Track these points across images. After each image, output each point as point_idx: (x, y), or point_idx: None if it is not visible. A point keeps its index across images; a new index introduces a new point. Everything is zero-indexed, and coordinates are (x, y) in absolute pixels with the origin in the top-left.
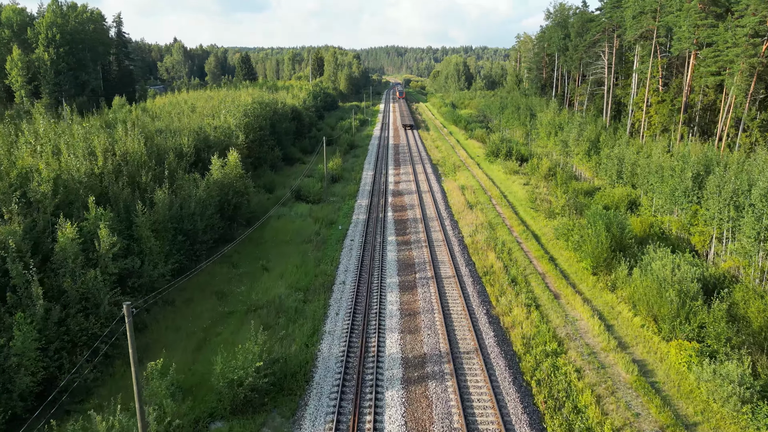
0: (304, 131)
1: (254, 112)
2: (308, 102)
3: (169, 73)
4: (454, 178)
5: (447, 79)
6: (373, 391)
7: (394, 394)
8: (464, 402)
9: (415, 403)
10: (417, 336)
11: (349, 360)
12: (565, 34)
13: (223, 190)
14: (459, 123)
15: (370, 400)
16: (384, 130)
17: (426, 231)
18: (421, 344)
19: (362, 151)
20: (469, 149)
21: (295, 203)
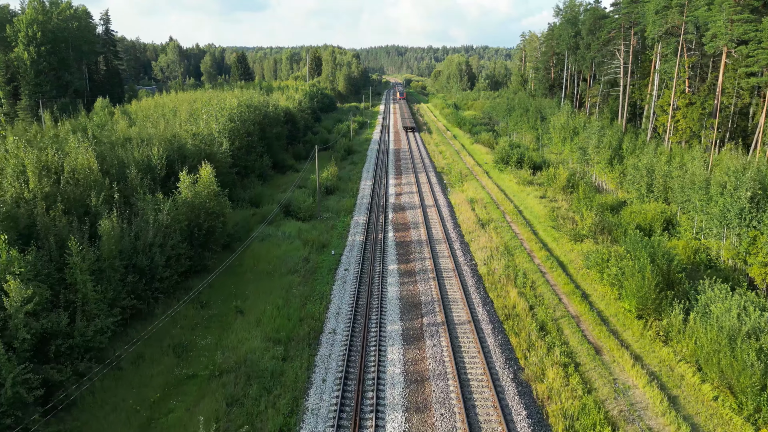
0: (298, 135)
1: (241, 116)
2: (304, 104)
3: (164, 72)
4: (462, 189)
5: (449, 79)
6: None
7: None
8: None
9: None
10: (427, 417)
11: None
12: (575, 32)
13: (193, 212)
14: (463, 126)
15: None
16: (384, 133)
17: (433, 257)
18: (432, 430)
19: (361, 157)
20: (476, 155)
21: (284, 221)
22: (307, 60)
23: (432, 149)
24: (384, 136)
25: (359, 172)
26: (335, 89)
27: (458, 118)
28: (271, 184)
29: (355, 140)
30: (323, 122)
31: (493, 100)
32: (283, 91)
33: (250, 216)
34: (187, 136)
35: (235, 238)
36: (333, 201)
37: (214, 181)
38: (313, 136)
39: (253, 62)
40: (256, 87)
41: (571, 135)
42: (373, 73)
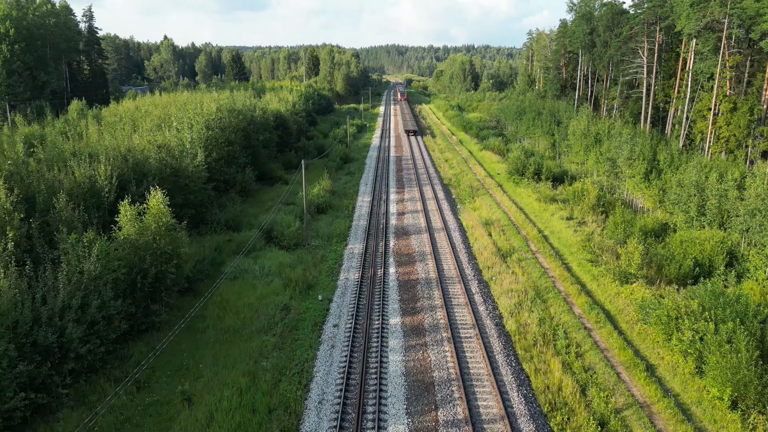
0: (290, 141)
1: (221, 122)
2: (298, 106)
3: (157, 72)
4: (474, 206)
5: (452, 79)
6: None
7: None
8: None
9: None
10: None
11: None
12: (590, 29)
13: (137, 255)
14: (469, 130)
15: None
16: (384, 138)
17: (446, 306)
18: None
19: (358, 166)
20: (486, 164)
21: (265, 249)
22: (304, 59)
23: (437, 157)
24: (384, 141)
25: (356, 184)
26: (333, 90)
27: (463, 121)
28: (256, 200)
29: (353, 146)
30: (319, 126)
31: (501, 102)
32: (276, 92)
33: (225, 243)
34: (150, 148)
35: (201, 278)
36: (324, 222)
37: (166, 212)
38: (307, 141)
39: (250, 62)
40: (248, 87)
41: (593, 143)
42: (373, 72)
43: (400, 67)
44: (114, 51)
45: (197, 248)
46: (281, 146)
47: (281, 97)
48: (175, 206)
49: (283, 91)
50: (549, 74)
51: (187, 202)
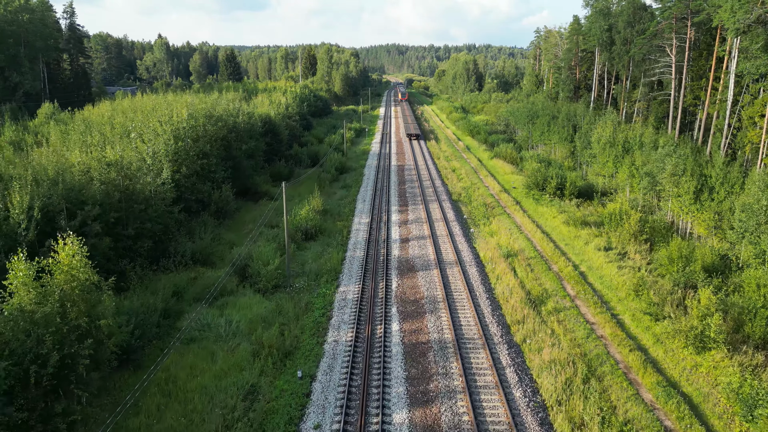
0: (280, 149)
1: (194, 131)
2: (292, 109)
3: (150, 72)
4: (490, 230)
5: (455, 80)
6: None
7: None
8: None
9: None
10: None
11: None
12: (608, 25)
13: (34, 334)
14: (477, 134)
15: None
16: (384, 143)
17: (469, 391)
18: None
19: (356, 178)
20: (499, 175)
21: (236, 293)
22: (300, 59)
23: (443, 166)
24: (384, 148)
25: (353, 200)
26: (331, 91)
27: (470, 125)
28: (235, 222)
29: (350, 153)
30: (315, 130)
31: (509, 104)
32: (269, 93)
33: (189, 283)
34: (96, 167)
35: (144, 342)
36: (313, 253)
37: (87, 267)
38: (300, 149)
39: (247, 61)
40: (239, 88)
41: (622, 153)
42: (373, 72)
43: (401, 66)
44: (104, 50)
45: (147, 296)
46: (270, 155)
47: (273, 99)
48: (125, 239)
49: (276, 93)
50: (561, 74)
51: (141, 232)
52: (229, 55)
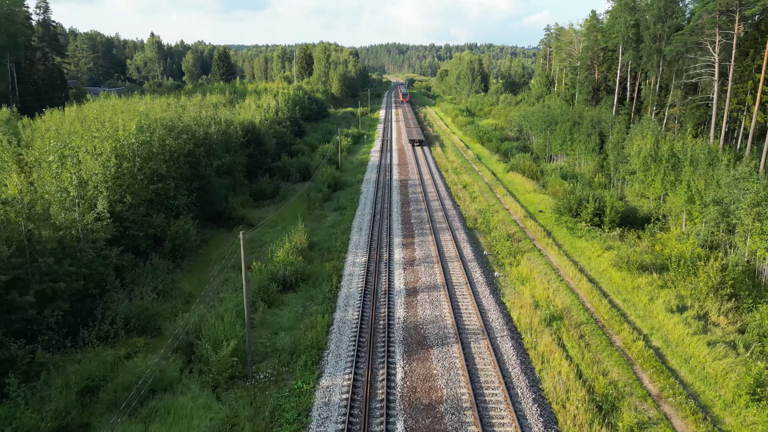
0: (265, 162)
1: (144, 149)
2: (283, 113)
3: (140, 72)
4: (519, 274)
5: (458, 80)
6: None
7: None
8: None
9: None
10: None
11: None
12: (635, 20)
13: None
14: (488, 142)
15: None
16: (385, 152)
17: None
18: None
19: (351, 197)
20: (519, 193)
21: (174, 388)
22: (294, 58)
23: (452, 180)
24: (385, 157)
25: (346, 228)
26: (328, 92)
27: (479, 131)
28: (199, 263)
29: (346, 164)
30: (308, 136)
31: (519, 107)
32: (259, 95)
33: (112, 368)
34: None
35: None
36: (290, 314)
37: None
38: (290, 159)
39: (243, 61)
40: (226, 90)
41: (666, 170)
42: (373, 72)
43: (401, 66)
44: (90, 49)
45: (27, 415)
46: (253, 168)
47: (261, 102)
48: (20, 310)
49: (266, 95)
50: (578, 75)
51: (50, 294)
52: (221, 54)
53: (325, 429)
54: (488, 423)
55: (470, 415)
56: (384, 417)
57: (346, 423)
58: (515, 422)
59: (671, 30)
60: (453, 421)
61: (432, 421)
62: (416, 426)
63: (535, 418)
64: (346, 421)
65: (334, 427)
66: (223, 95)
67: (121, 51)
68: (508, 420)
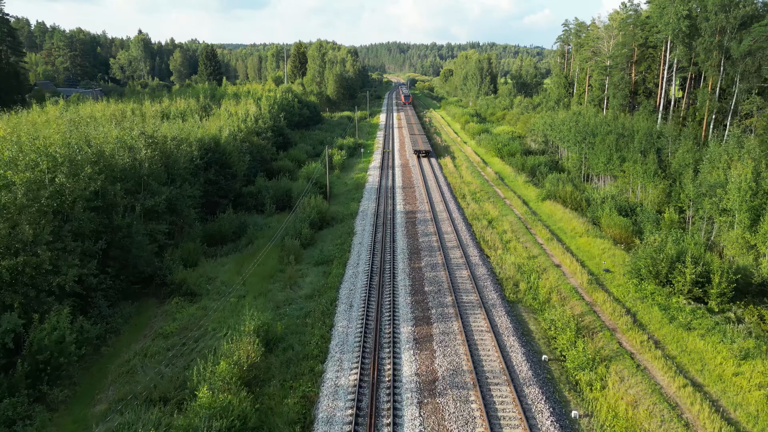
0: (231, 189)
1: (23, 194)
2: (263, 122)
3: (124, 71)
4: (615, 412)
5: (465, 81)
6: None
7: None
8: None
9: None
10: None
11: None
12: (688, 11)
13: None
14: (508, 155)
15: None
16: (386, 169)
17: None
18: None
19: (340, 243)
20: (567, 235)
21: None
22: (285, 57)
23: (473, 212)
24: (386, 177)
25: (330, 303)
26: (323, 94)
27: (496, 141)
28: (90, 382)
29: (338, 186)
30: (296, 148)
31: (542, 113)
32: (240, 99)
33: None
34: None
35: None
36: None
37: None
38: (268, 183)
39: (236, 60)
40: (199, 94)
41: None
42: (373, 71)
43: (402, 65)
44: (67, 47)
45: None
46: (215, 198)
47: (238, 109)
48: None
49: (247, 99)
50: (612, 76)
51: None
52: (209, 52)
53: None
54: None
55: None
56: None
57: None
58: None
59: (737, 21)
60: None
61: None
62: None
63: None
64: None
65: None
66: (197, 99)
67: (107, 50)
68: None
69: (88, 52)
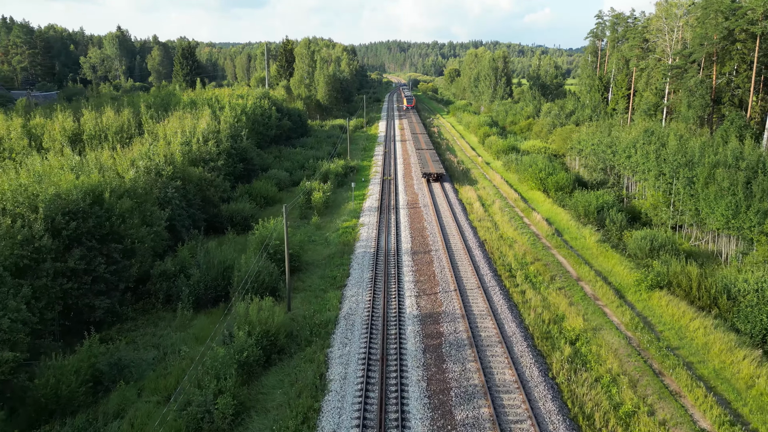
0: (123, 276)
1: None
2: (216, 143)
3: (96, 71)
4: None
5: (477, 82)
6: None
7: None
8: None
9: None
10: None
11: None
12: None
13: None
14: (554, 189)
15: None
16: (387, 212)
17: None
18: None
19: (299, 402)
20: (731, 384)
21: None
22: (267, 55)
23: (537, 316)
24: (386, 228)
25: None
26: (312, 98)
27: (537, 169)
28: None
29: (313, 251)
30: (263, 177)
31: (595, 130)
32: (197, 108)
33: None
34: None
35: None
36: None
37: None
38: (199, 251)
39: (224, 59)
40: (139, 102)
41: None
42: (372, 71)
43: (402, 65)
44: (26, 44)
45: None
46: (85, 301)
47: (184, 125)
48: None
49: (202, 111)
50: (687, 80)
51: None
52: (185, 49)
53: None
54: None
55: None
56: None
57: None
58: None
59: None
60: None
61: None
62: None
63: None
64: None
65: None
66: (134, 109)
67: (84, 48)
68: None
69: (60, 50)
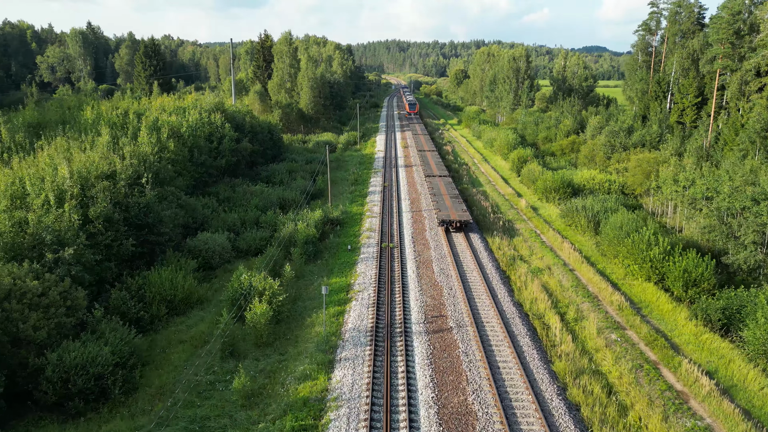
0: None
1: None
2: (92, 203)
3: (55, 72)
4: None
5: (494, 86)
6: None
7: None
8: None
9: None
10: None
11: None
12: None
13: None
14: (674, 279)
15: None
16: (387, 353)
17: None
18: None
19: None
20: None
21: None
22: (231, 53)
23: None
24: (390, 413)
25: None
26: (293, 107)
27: (639, 241)
28: None
29: None
30: (198, 237)
31: (719, 173)
32: (98, 132)
33: None
34: None
35: None
36: None
37: None
38: None
39: (208, 58)
40: (17, 121)
41: None
42: (370, 72)
43: (402, 65)
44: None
45: None
46: None
47: (20, 176)
48: None
49: (100, 137)
50: None
51: None
52: (148, 47)
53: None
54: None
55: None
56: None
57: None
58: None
59: None
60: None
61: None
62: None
63: None
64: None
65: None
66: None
67: (43, 45)
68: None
69: (18, 48)
